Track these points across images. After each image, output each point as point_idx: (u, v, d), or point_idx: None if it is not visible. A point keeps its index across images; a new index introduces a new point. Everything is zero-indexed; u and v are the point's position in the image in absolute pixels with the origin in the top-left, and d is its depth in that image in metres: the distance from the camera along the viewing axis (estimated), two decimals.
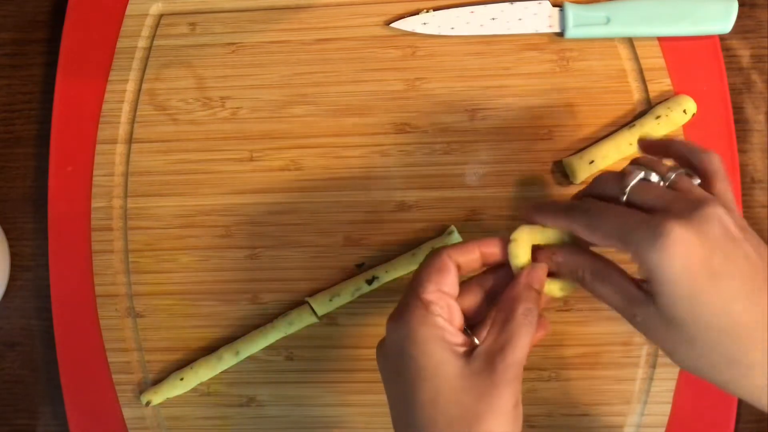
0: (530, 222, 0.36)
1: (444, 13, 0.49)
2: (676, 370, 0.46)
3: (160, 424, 0.49)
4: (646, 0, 0.47)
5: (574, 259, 0.35)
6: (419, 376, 0.33)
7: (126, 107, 0.50)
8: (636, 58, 0.48)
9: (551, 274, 0.36)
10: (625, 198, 0.34)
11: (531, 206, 0.37)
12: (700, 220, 0.31)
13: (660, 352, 0.46)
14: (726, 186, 0.34)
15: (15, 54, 0.53)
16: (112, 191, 0.50)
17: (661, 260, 0.30)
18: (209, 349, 0.48)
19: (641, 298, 0.33)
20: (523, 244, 0.36)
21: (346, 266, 0.48)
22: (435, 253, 0.35)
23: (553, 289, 0.36)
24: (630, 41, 0.48)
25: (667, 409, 0.46)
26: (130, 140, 0.50)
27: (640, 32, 0.47)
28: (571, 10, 0.47)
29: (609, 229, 0.33)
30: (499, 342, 0.33)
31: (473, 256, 0.36)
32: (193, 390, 0.48)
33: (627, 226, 0.32)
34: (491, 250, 0.36)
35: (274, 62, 0.50)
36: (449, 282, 0.35)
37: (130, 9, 0.51)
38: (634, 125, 0.47)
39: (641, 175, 0.34)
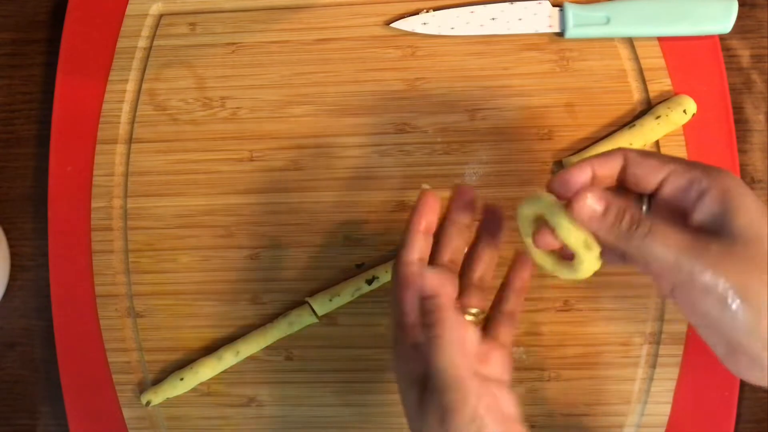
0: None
1: (444, 13, 0.49)
2: (676, 370, 0.46)
3: (160, 424, 0.49)
4: (646, 0, 0.47)
5: (617, 203, 0.32)
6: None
7: (126, 107, 0.50)
8: (636, 58, 0.48)
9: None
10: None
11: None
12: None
13: (660, 352, 0.46)
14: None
15: (15, 54, 0.53)
16: (112, 191, 0.50)
17: (730, 182, 0.32)
18: (209, 349, 0.48)
19: (709, 236, 0.31)
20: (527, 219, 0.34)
21: (346, 266, 0.48)
22: None
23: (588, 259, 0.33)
24: (630, 41, 0.48)
25: (667, 409, 0.46)
26: (130, 140, 0.50)
27: (640, 32, 0.47)
28: (571, 10, 0.47)
29: (675, 161, 0.33)
30: None
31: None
32: (193, 390, 0.48)
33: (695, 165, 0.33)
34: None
35: (274, 62, 0.50)
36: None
37: (130, 9, 0.51)
38: (634, 125, 0.47)
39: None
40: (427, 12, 0.49)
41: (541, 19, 0.48)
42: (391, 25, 0.49)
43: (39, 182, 0.51)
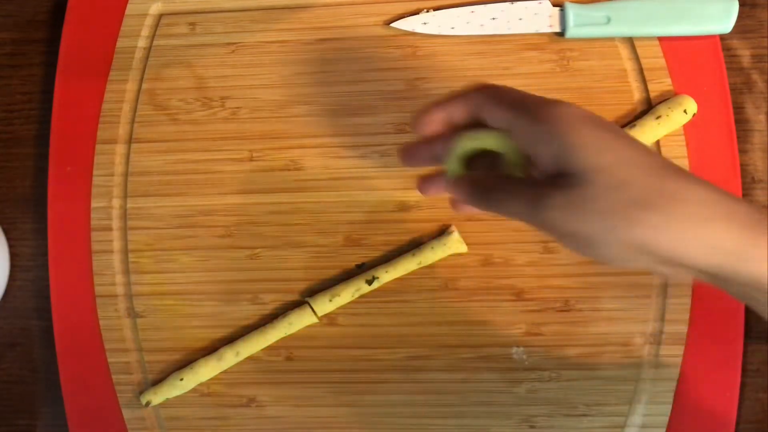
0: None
1: (444, 13, 0.49)
2: (677, 370, 0.46)
3: (160, 424, 0.49)
4: (646, 0, 0.47)
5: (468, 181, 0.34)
6: None
7: (126, 107, 0.50)
8: (636, 58, 0.48)
9: None
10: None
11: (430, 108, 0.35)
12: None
13: (660, 352, 0.46)
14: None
15: (15, 54, 0.53)
16: (111, 191, 0.50)
17: (558, 109, 0.31)
18: (209, 349, 0.48)
19: (551, 186, 0.31)
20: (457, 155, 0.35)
21: (346, 266, 0.48)
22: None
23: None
24: (630, 41, 0.48)
25: (667, 409, 0.46)
26: (130, 140, 0.50)
27: (641, 32, 0.47)
28: (572, 10, 0.47)
29: (506, 98, 0.33)
30: None
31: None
32: (193, 390, 0.48)
33: (525, 96, 0.33)
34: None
35: (274, 62, 0.50)
36: None
37: (130, 9, 0.51)
38: (634, 125, 0.47)
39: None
40: (428, 12, 0.49)
41: (542, 19, 0.48)
42: (392, 24, 0.49)
43: (39, 182, 0.51)
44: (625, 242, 0.30)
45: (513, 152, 0.34)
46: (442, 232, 0.48)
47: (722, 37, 0.48)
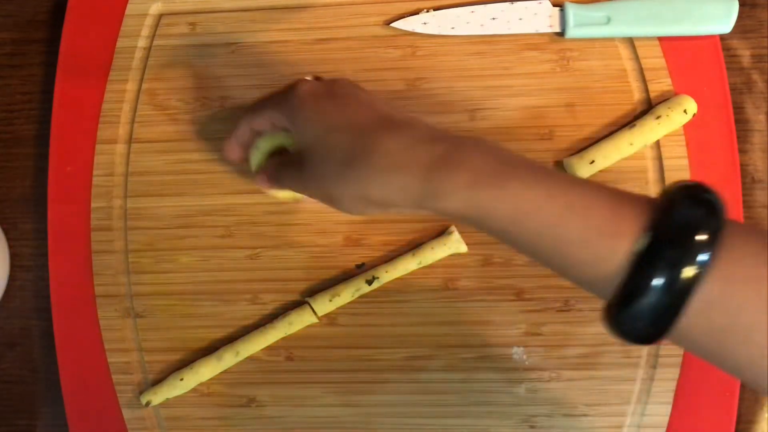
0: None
1: (444, 13, 0.49)
2: (677, 370, 0.46)
3: (160, 424, 0.49)
4: (646, 0, 0.47)
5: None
6: None
7: (126, 107, 0.50)
8: (636, 58, 0.48)
9: None
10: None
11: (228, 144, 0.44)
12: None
13: (660, 352, 0.46)
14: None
15: (15, 54, 0.53)
16: (111, 191, 0.50)
17: (288, 100, 0.38)
18: (209, 349, 0.48)
19: (298, 167, 0.37)
20: (259, 153, 0.43)
21: (346, 266, 0.48)
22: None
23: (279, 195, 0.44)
24: (630, 41, 0.48)
25: (668, 409, 0.46)
26: (130, 140, 0.50)
27: (641, 32, 0.47)
28: (572, 10, 0.47)
29: (263, 104, 0.41)
30: None
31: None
32: (193, 390, 0.48)
33: (275, 96, 0.40)
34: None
35: (274, 62, 0.50)
36: None
37: (130, 9, 0.51)
38: (634, 125, 0.47)
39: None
40: (428, 12, 0.49)
41: (542, 19, 0.48)
42: (391, 24, 0.49)
43: (39, 182, 0.51)
44: (350, 197, 0.35)
45: (292, 142, 0.41)
46: (442, 232, 0.48)
47: (722, 37, 0.48)
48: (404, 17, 0.49)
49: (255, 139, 0.43)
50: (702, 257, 0.28)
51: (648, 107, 0.47)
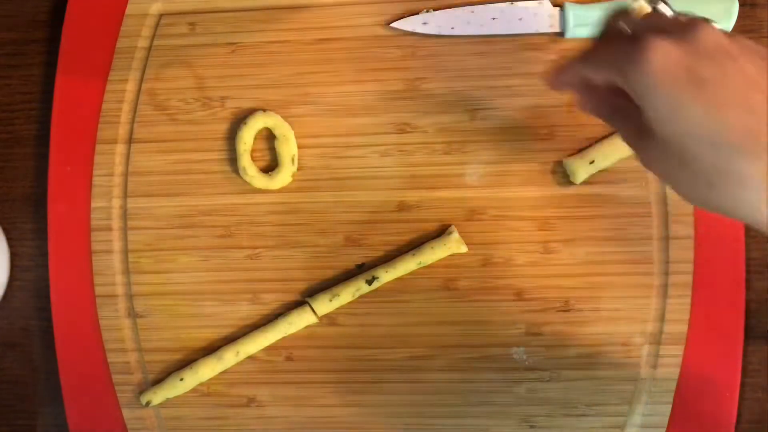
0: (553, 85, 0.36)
1: (444, 13, 0.49)
2: (677, 370, 0.46)
3: (160, 424, 0.49)
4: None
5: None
6: None
7: (126, 107, 0.50)
8: None
9: None
10: (630, 29, 0.33)
11: (552, 71, 0.36)
12: (685, 33, 0.30)
13: (660, 352, 0.46)
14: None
15: (15, 54, 0.53)
16: (111, 191, 0.50)
17: (641, 67, 0.29)
18: (209, 349, 0.48)
19: (643, 130, 0.31)
20: None
21: (346, 266, 0.48)
22: None
23: None
24: None
25: (667, 409, 0.46)
26: (130, 140, 0.50)
27: None
28: (572, 10, 0.47)
29: (601, 59, 0.32)
30: None
31: None
32: (193, 390, 0.48)
33: (617, 51, 0.31)
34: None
35: (274, 62, 0.50)
36: None
37: (130, 9, 0.51)
38: None
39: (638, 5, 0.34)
40: (428, 12, 0.49)
41: (542, 19, 0.48)
42: (392, 25, 0.49)
43: (39, 182, 0.51)
44: (700, 204, 0.31)
45: None
46: (442, 232, 0.48)
47: None
48: (404, 17, 0.49)
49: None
50: None
51: None
